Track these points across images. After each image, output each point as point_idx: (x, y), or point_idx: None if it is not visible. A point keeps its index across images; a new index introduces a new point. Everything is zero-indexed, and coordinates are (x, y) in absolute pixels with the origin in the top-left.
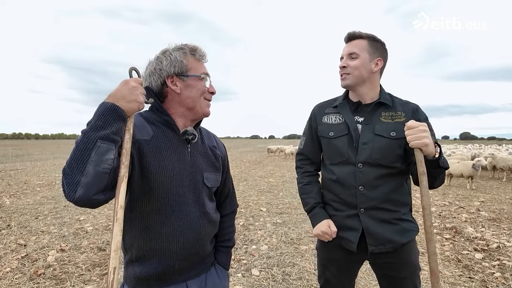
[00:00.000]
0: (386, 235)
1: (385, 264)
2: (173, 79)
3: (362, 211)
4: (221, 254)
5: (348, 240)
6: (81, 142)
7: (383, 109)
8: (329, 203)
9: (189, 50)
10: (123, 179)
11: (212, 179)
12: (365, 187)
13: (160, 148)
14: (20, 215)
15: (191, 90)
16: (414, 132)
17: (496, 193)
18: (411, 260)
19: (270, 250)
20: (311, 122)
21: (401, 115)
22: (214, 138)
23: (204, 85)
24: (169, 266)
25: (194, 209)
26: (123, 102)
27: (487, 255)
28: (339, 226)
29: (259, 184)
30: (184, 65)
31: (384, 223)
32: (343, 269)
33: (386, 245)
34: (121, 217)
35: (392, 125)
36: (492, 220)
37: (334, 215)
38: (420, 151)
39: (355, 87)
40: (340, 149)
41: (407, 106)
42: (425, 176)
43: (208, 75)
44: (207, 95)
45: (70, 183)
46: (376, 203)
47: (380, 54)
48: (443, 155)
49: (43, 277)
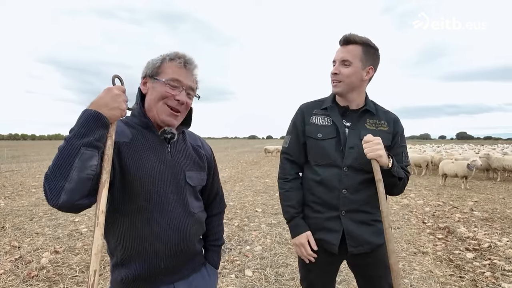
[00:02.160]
0: (365, 236)
1: (363, 264)
2: (146, 80)
3: (343, 213)
4: (211, 254)
5: (329, 242)
6: (65, 148)
7: (368, 116)
8: (309, 204)
9: (170, 55)
10: (105, 184)
11: (196, 177)
12: (348, 190)
13: (139, 149)
14: (15, 216)
15: (152, 93)
16: (370, 145)
17: (490, 193)
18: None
19: (264, 251)
20: (297, 122)
21: (384, 124)
22: (200, 139)
23: (167, 90)
24: (154, 266)
25: (177, 209)
26: (106, 109)
27: (479, 254)
28: (319, 228)
29: (255, 185)
30: (156, 68)
31: (362, 225)
32: (325, 271)
33: (365, 246)
34: (102, 221)
35: (376, 132)
36: (485, 220)
37: (314, 217)
38: (376, 161)
39: (345, 94)
40: (327, 151)
41: (389, 115)
42: (381, 183)
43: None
44: (171, 102)
45: (53, 189)
46: (357, 206)
47: (372, 62)
48: (396, 166)
49: (36, 279)
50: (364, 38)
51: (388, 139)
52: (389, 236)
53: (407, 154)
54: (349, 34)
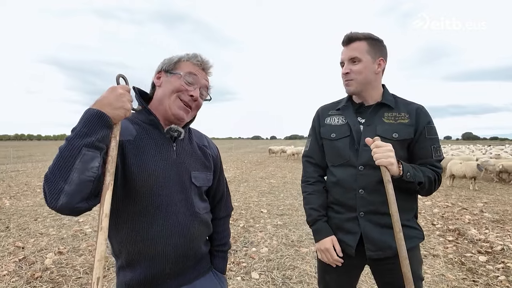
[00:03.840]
0: (386, 240)
1: (386, 271)
2: (160, 74)
3: (362, 214)
4: (217, 259)
5: (346, 243)
6: (66, 149)
7: (385, 110)
8: (330, 206)
9: (189, 56)
10: (109, 187)
11: (201, 178)
12: (365, 190)
13: (143, 148)
14: (20, 217)
15: (166, 85)
16: (382, 150)
17: (499, 194)
18: (413, 270)
19: (270, 253)
20: (315, 124)
21: (404, 116)
22: (206, 138)
23: (183, 84)
24: (159, 270)
25: (182, 209)
26: (109, 108)
27: (491, 257)
28: (338, 229)
29: (260, 185)
30: (173, 63)
31: (383, 228)
32: (343, 274)
33: (386, 251)
34: (106, 225)
35: (395, 126)
36: (496, 222)
37: (334, 217)
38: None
39: (360, 92)
40: (341, 151)
41: (411, 106)
42: (390, 185)
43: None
44: (184, 96)
45: (53, 191)
46: (376, 207)
47: (381, 53)
48: (409, 171)
49: (40, 280)
50: (366, 33)
51: (409, 132)
52: (400, 242)
53: (439, 148)
54: (350, 33)
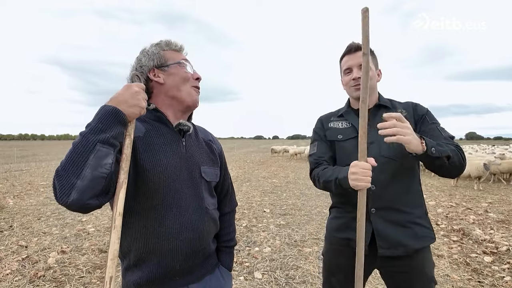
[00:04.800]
0: (398, 237)
1: (397, 273)
2: (154, 71)
3: (373, 211)
4: (224, 255)
5: None
6: (80, 144)
7: (383, 110)
8: (339, 206)
9: (164, 43)
10: (122, 185)
11: (210, 173)
12: (376, 185)
13: (153, 143)
14: (23, 216)
15: (173, 78)
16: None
17: (504, 194)
18: (425, 271)
19: (273, 253)
20: (318, 129)
21: (402, 112)
22: (210, 134)
23: (186, 71)
24: (169, 267)
25: (193, 204)
26: (125, 106)
27: (497, 258)
28: (348, 226)
29: (263, 185)
30: (161, 56)
31: (396, 225)
32: (350, 276)
33: (398, 248)
34: (119, 224)
35: None
36: (501, 222)
37: (344, 216)
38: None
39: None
40: (349, 152)
41: (407, 103)
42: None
43: (188, 62)
44: (193, 82)
45: (64, 186)
46: (388, 203)
47: (377, 65)
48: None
49: (43, 280)
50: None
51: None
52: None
53: (445, 129)
54: (357, 43)
